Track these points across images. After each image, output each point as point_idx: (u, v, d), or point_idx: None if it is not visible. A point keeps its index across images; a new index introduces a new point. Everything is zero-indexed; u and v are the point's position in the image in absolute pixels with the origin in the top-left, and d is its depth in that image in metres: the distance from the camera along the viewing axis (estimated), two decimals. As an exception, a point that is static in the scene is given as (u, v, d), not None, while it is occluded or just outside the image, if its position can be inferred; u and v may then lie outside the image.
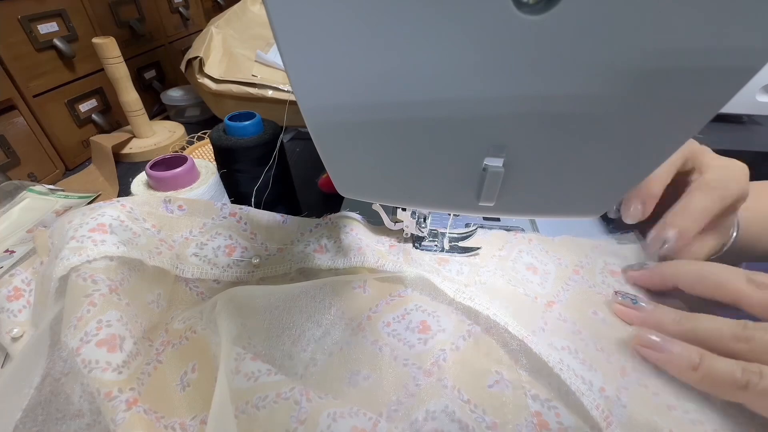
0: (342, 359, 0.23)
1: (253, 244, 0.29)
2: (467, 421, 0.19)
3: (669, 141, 0.15)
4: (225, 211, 0.28)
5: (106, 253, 0.23)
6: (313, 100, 0.15)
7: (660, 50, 0.12)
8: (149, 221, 0.27)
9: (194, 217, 0.28)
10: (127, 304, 0.23)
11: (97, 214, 0.25)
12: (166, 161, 0.28)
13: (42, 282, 0.25)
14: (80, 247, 0.23)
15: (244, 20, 0.69)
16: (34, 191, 0.48)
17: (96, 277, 0.22)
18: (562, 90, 0.13)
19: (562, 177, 0.17)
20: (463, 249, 0.30)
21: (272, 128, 0.32)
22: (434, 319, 0.25)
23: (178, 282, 0.27)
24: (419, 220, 0.29)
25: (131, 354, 0.21)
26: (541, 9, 0.11)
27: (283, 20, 0.13)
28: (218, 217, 0.28)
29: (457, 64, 0.13)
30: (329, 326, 0.25)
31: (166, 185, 0.27)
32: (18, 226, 0.43)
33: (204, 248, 0.28)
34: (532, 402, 0.20)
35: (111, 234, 0.25)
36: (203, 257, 0.27)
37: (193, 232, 0.28)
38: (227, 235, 0.28)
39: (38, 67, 0.50)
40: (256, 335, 0.24)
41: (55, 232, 0.26)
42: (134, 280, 0.24)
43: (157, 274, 0.26)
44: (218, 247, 0.28)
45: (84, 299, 0.21)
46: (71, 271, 0.22)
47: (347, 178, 0.19)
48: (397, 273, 0.27)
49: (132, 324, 0.22)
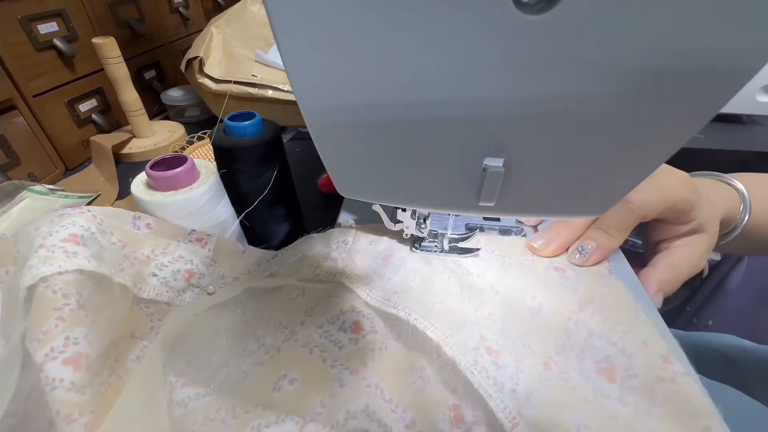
0: (271, 367, 0.23)
1: (211, 272, 0.29)
2: (386, 420, 0.20)
3: (669, 141, 0.15)
4: (192, 236, 0.28)
5: (79, 266, 0.22)
6: (313, 101, 0.15)
7: (660, 50, 0.12)
8: (116, 235, 0.27)
9: (160, 237, 0.28)
10: (93, 321, 0.22)
11: (68, 222, 0.24)
12: (166, 161, 0.28)
13: (9, 292, 0.23)
14: (51, 257, 0.22)
15: (244, 20, 0.69)
16: (34, 191, 0.48)
17: (66, 290, 0.21)
18: (563, 90, 0.13)
19: (562, 177, 0.17)
20: (463, 250, 0.30)
21: (272, 128, 0.32)
22: (368, 320, 0.25)
23: (134, 301, 0.26)
24: (419, 221, 0.29)
25: (94, 374, 0.20)
26: (542, 9, 0.11)
27: (283, 20, 0.13)
28: (184, 240, 0.28)
29: (457, 64, 0.13)
30: (263, 337, 0.25)
31: (166, 185, 0.27)
32: (18, 226, 0.43)
33: (164, 269, 0.27)
34: (450, 395, 0.21)
35: (83, 246, 0.24)
36: (162, 279, 0.27)
37: (155, 252, 0.27)
38: (189, 260, 0.28)
39: (38, 67, 0.50)
40: (194, 359, 0.24)
41: (21, 240, 0.24)
42: (99, 296, 0.24)
43: (119, 291, 0.25)
44: (178, 271, 0.27)
45: (53, 312, 0.21)
46: (40, 281, 0.21)
47: (347, 178, 0.19)
48: (336, 279, 0.27)
49: (96, 342, 0.22)
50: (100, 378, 0.21)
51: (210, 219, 0.29)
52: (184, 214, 0.28)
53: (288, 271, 0.29)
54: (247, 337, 0.25)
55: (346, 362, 0.23)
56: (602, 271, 0.28)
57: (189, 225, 0.29)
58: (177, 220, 0.28)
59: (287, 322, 0.26)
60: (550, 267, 0.28)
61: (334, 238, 0.31)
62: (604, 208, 0.18)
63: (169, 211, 0.28)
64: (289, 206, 0.36)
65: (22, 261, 0.23)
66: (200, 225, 0.29)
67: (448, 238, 0.31)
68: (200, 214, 0.29)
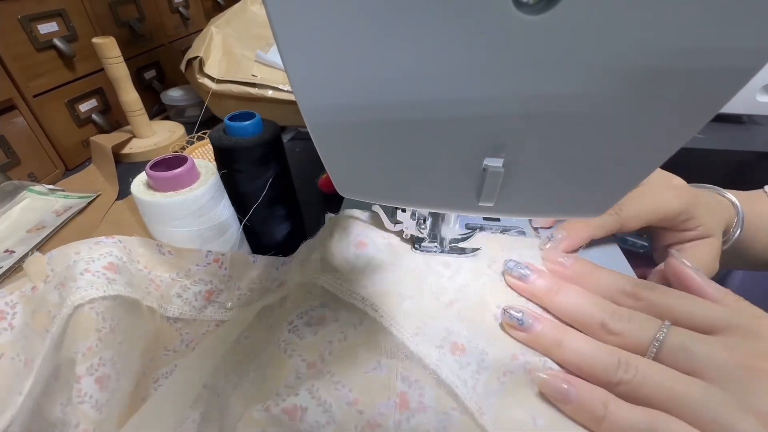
0: (253, 366, 0.25)
1: (229, 286, 0.31)
2: (328, 397, 0.20)
3: (669, 141, 0.15)
4: (209, 258, 0.30)
5: (118, 292, 0.25)
6: (312, 100, 0.15)
7: (660, 50, 0.12)
8: (142, 262, 0.29)
9: (181, 261, 0.30)
10: (120, 343, 0.25)
11: (106, 251, 0.27)
12: (167, 161, 0.28)
13: (38, 308, 0.25)
14: (96, 282, 0.25)
15: (244, 20, 0.69)
16: (34, 191, 0.48)
17: (105, 314, 0.24)
18: (563, 90, 0.13)
19: (562, 177, 0.17)
20: (463, 250, 0.30)
21: (272, 128, 0.32)
22: (333, 313, 0.26)
23: (162, 319, 0.29)
24: (419, 222, 0.29)
25: (112, 393, 0.23)
26: (541, 9, 0.11)
27: (282, 20, 0.13)
28: (202, 264, 0.30)
29: (457, 64, 0.13)
30: (254, 343, 0.27)
31: (166, 185, 0.27)
32: (18, 226, 0.43)
33: (187, 291, 0.30)
34: (401, 383, 0.21)
35: (119, 274, 0.26)
36: (185, 299, 0.30)
37: (179, 274, 0.30)
38: (208, 281, 0.31)
39: (38, 66, 0.50)
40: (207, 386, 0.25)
41: (57, 261, 0.27)
42: (129, 318, 0.26)
43: (148, 312, 0.28)
44: (199, 292, 0.30)
45: (95, 333, 0.23)
46: (87, 302, 0.24)
47: (347, 178, 0.19)
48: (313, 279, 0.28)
49: (120, 364, 0.24)
50: (118, 395, 0.24)
51: (210, 219, 0.29)
52: (185, 214, 0.28)
53: (293, 278, 0.30)
54: (250, 352, 0.27)
55: (304, 353, 0.23)
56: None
57: (189, 225, 0.29)
58: (177, 221, 0.28)
59: (273, 322, 0.27)
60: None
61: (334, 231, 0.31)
62: (604, 208, 0.18)
63: (169, 212, 0.28)
64: (289, 206, 0.36)
65: (59, 280, 0.25)
66: (200, 225, 0.29)
67: (448, 239, 0.31)
68: (200, 215, 0.29)
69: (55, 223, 0.44)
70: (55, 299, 0.25)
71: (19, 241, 0.41)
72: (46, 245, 0.42)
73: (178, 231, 0.29)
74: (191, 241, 0.29)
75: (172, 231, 0.29)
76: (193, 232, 0.29)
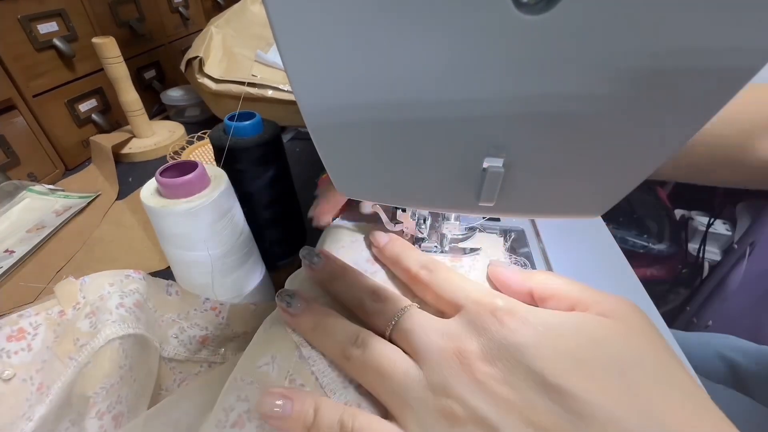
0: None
1: (225, 331, 0.31)
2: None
3: (669, 141, 0.15)
4: (207, 305, 0.30)
5: (143, 333, 0.26)
6: (312, 101, 0.15)
7: (660, 50, 0.12)
8: (151, 301, 0.30)
9: (183, 303, 0.30)
10: (135, 380, 0.25)
11: (134, 288, 0.28)
12: (176, 167, 0.27)
13: (64, 334, 0.25)
14: (128, 318, 0.25)
15: (244, 20, 0.69)
16: (34, 191, 0.48)
17: (129, 351, 0.25)
18: (562, 90, 0.13)
19: (562, 177, 0.17)
20: (463, 250, 0.30)
21: (272, 128, 0.32)
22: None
23: (160, 359, 0.29)
24: (419, 222, 0.29)
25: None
26: (541, 9, 0.11)
27: (282, 20, 0.13)
28: (200, 309, 0.30)
29: (457, 64, 0.13)
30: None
31: (178, 192, 0.26)
32: (18, 226, 0.44)
33: (183, 333, 0.30)
34: (287, 384, 0.21)
35: (143, 312, 0.27)
36: (180, 340, 0.30)
37: (180, 316, 0.30)
38: (204, 327, 0.31)
39: (38, 66, 0.50)
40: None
41: (90, 288, 0.27)
42: (143, 356, 0.26)
43: (154, 351, 0.28)
44: (194, 336, 0.30)
45: (119, 370, 0.24)
46: (118, 337, 0.24)
47: (347, 178, 0.19)
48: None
49: (132, 402, 0.25)
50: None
51: (224, 224, 0.28)
52: (197, 220, 0.26)
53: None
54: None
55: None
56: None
57: (202, 233, 0.27)
58: (190, 227, 0.27)
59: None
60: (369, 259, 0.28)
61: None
62: (604, 208, 0.18)
63: (182, 220, 0.26)
64: (289, 206, 0.36)
65: (90, 309, 0.26)
66: (215, 232, 0.27)
67: (449, 239, 0.31)
68: (214, 221, 0.27)
69: (55, 223, 0.44)
70: (85, 328, 0.25)
71: (19, 241, 0.41)
72: (46, 245, 0.42)
73: (191, 238, 0.28)
74: (207, 248, 0.28)
75: (186, 239, 0.27)
76: (209, 238, 0.28)
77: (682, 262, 0.97)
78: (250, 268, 0.31)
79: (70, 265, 0.40)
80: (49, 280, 0.38)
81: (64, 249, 0.41)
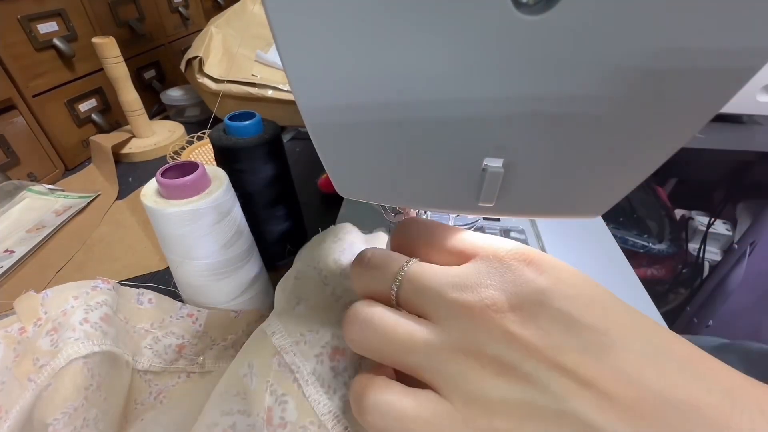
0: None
1: (203, 340, 0.30)
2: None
3: (669, 141, 0.14)
4: (183, 312, 0.29)
5: (109, 348, 0.24)
6: (312, 100, 0.15)
7: (660, 50, 0.12)
8: (121, 313, 0.28)
9: (157, 311, 0.29)
10: (104, 399, 0.24)
11: (102, 300, 0.26)
12: (176, 168, 0.27)
13: (24, 353, 0.24)
14: (93, 334, 0.24)
15: (243, 20, 0.69)
16: (34, 191, 0.48)
17: (94, 369, 0.23)
18: (562, 90, 0.13)
19: (562, 177, 0.17)
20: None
21: (272, 128, 0.32)
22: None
23: (133, 372, 0.28)
24: (419, 214, 0.29)
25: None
26: (541, 9, 0.11)
27: (281, 20, 0.12)
28: (176, 316, 0.29)
29: (456, 64, 0.13)
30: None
31: (179, 193, 0.26)
32: (18, 226, 0.44)
33: (158, 343, 0.29)
34: (268, 397, 0.20)
35: (111, 326, 0.25)
36: (155, 351, 0.28)
37: (153, 325, 0.29)
38: (180, 335, 0.29)
39: (38, 66, 0.50)
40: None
41: (52, 303, 0.25)
42: (112, 373, 0.25)
43: (125, 365, 0.27)
44: (169, 345, 0.29)
45: (84, 391, 0.22)
46: (82, 357, 0.23)
47: (346, 178, 0.19)
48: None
49: (101, 422, 0.23)
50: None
51: (225, 225, 0.28)
52: (198, 221, 0.26)
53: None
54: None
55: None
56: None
57: (203, 233, 0.27)
58: (190, 228, 0.26)
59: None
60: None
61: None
62: (604, 208, 0.18)
63: (182, 221, 0.26)
64: (289, 206, 0.36)
65: (52, 325, 0.24)
66: (215, 233, 0.27)
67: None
68: (214, 222, 0.27)
69: (54, 223, 0.44)
70: (46, 346, 0.23)
71: (19, 241, 0.41)
72: (46, 245, 0.42)
73: (191, 239, 0.27)
74: (207, 249, 0.28)
75: (186, 240, 0.27)
76: (209, 239, 0.28)
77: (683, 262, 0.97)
78: (249, 269, 0.31)
79: (69, 265, 0.40)
80: (48, 281, 0.38)
81: (64, 249, 0.41)
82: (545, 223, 0.34)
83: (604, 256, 0.31)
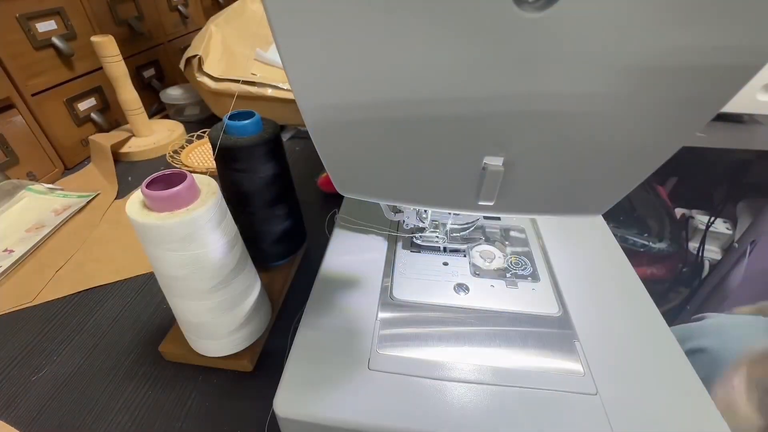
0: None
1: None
2: None
3: (670, 140, 0.14)
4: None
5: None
6: (312, 100, 0.15)
7: (661, 49, 0.11)
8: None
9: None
10: None
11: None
12: (164, 178, 0.25)
13: None
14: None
15: (243, 19, 0.68)
16: (33, 190, 0.48)
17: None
18: (562, 88, 0.13)
19: (561, 176, 0.17)
20: (465, 240, 0.30)
21: (272, 127, 0.32)
22: None
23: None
24: (420, 211, 0.29)
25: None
26: (541, 7, 0.11)
27: (281, 20, 0.12)
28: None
29: (457, 63, 0.13)
30: None
31: (164, 205, 0.25)
32: (17, 225, 0.43)
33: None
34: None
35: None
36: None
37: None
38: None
39: (37, 65, 0.50)
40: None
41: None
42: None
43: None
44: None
45: None
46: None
47: (346, 176, 0.19)
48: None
49: None
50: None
51: (210, 242, 0.26)
52: (182, 237, 0.25)
53: None
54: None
55: None
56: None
57: (189, 248, 0.25)
58: (174, 244, 0.25)
59: None
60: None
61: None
62: (604, 208, 0.18)
63: (166, 235, 0.24)
64: (288, 205, 0.36)
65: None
66: (201, 248, 0.25)
67: (450, 229, 0.31)
68: (200, 236, 0.26)
69: (54, 223, 0.44)
70: None
71: (19, 241, 0.41)
72: (46, 244, 0.42)
73: (175, 255, 0.25)
74: (192, 265, 0.25)
75: (170, 254, 0.25)
76: (191, 255, 0.25)
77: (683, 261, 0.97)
78: (245, 283, 0.29)
79: (69, 265, 0.40)
80: (47, 281, 0.38)
81: (64, 248, 0.41)
82: (545, 222, 0.34)
83: (604, 254, 0.31)
